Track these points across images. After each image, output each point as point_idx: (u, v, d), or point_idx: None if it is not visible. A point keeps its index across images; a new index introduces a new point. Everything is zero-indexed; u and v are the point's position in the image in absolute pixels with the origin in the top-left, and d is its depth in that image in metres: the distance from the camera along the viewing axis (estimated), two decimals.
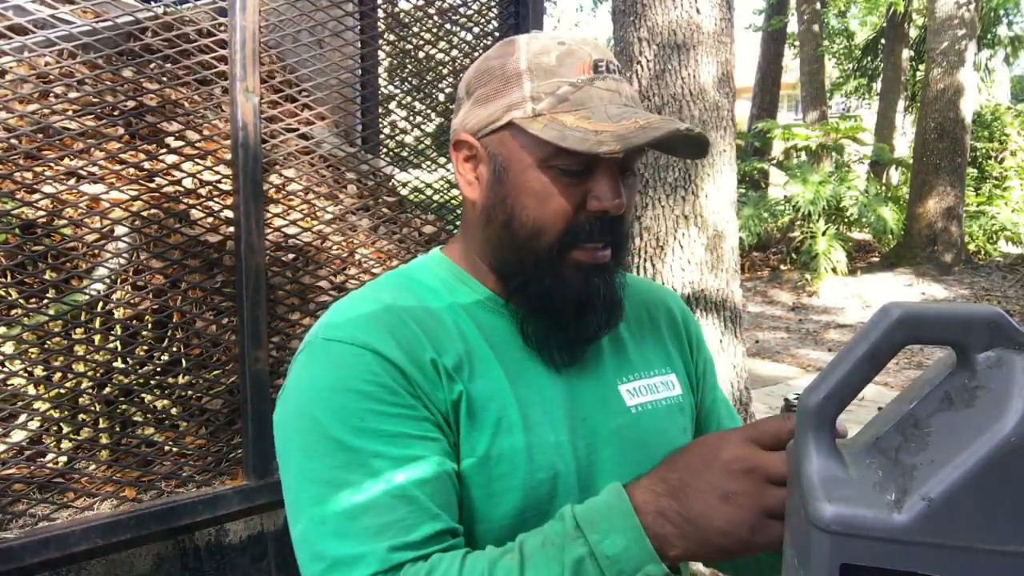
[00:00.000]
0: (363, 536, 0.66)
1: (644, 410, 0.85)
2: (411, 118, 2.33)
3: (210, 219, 1.76)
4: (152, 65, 1.75)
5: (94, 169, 1.67)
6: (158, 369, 1.70)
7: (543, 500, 0.76)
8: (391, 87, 2.46)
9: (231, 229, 1.76)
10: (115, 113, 1.75)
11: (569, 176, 0.76)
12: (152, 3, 1.90)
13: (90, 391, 1.63)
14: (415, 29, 2.34)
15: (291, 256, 1.92)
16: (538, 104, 0.76)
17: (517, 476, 0.75)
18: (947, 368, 0.47)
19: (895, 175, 13.63)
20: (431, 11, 2.32)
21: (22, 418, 1.54)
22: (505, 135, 0.78)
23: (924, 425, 0.45)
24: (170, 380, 1.71)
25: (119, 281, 1.71)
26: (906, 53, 14.24)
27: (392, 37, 2.35)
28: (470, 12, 2.31)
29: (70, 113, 1.70)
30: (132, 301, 1.70)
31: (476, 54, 2.31)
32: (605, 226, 0.77)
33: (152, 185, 1.73)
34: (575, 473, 0.78)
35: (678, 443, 0.82)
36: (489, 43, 2.29)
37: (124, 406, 1.66)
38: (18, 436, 1.55)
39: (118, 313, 1.68)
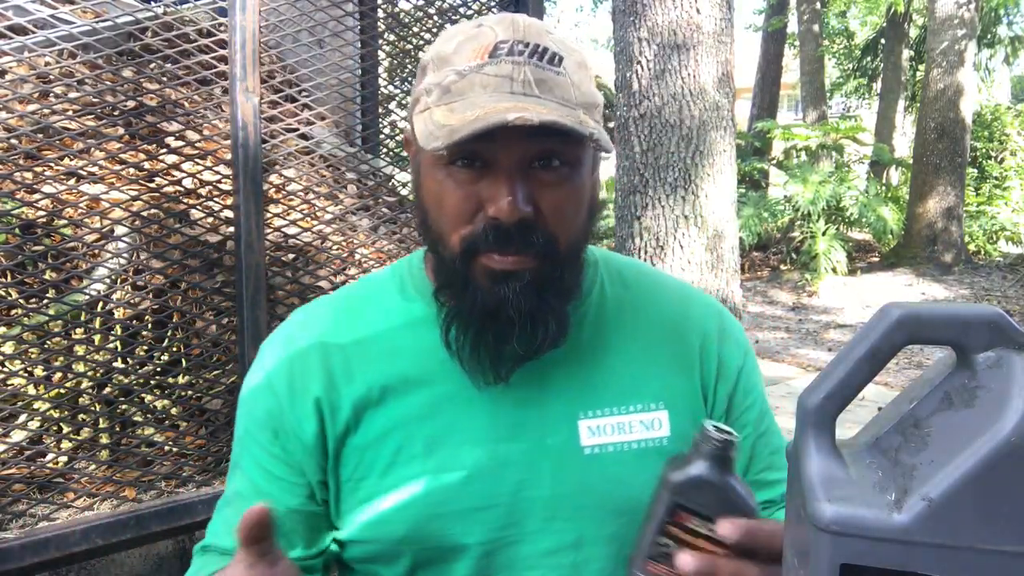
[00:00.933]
0: (215, 524, 0.79)
1: (602, 452, 0.74)
2: None
3: (210, 219, 1.76)
4: (152, 65, 1.75)
5: (94, 169, 1.67)
6: (158, 369, 1.70)
7: (438, 536, 0.72)
8: (391, 87, 2.46)
9: (231, 229, 1.76)
10: (115, 113, 1.75)
11: (461, 174, 0.67)
12: (152, 3, 1.90)
13: (90, 391, 1.63)
14: (415, 29, 2.34)
15: (291, 256, 1.92)
16: (429, 97, 0.68)
17: (408, 509, 0.72)
18: (947, 368, 0.47)
19: (895, 175, 13.63)
20: (431, 11, 2.32)
21: (22, 418, 1.54)
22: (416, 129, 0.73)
23: (924, 425, 0.45)
24: (170, 380, 1.71)
25: (119, 281, 1.71)
26: (906, 53, 14.23)
27: (392, 37, 2.35)
28: (470, 12, 2.31)
29: (70, 113, 1.70)
30: (132, 301, 1.70)
31: None
32: (503, 235, 0.66)
33: (152, 185, 1.73)
34: (485, 511, 0.72)
35: (647, 493, 0.70)
36: None
37: (124, 406, 1.66)
38: (18, 436, 1.55)
39: (118, 313, 1.68)
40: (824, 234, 9.39)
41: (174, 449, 1.69)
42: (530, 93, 0.65)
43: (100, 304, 1.66)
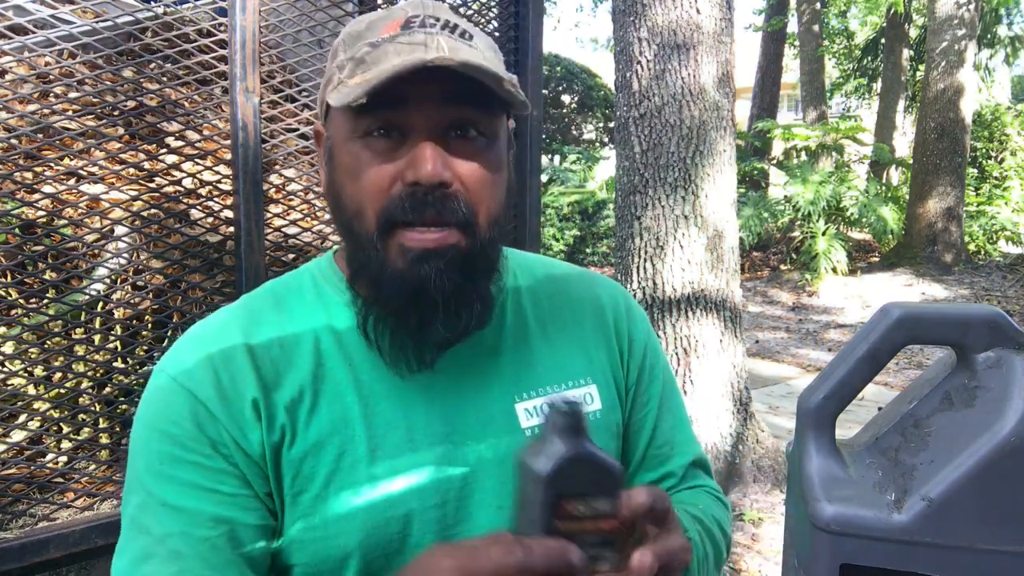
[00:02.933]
0: None
1: None
2: None
3: (210, 219, 1.76)
4: (152, 65, 1.75)
5: (94, 169, 1.67)
6: None
7: (391, 541, 0.68)
8: None
9: (231, 229, 1.76)
10: (115, 113, 1.75)
11: (377, 144, 0.66)
12: (152, 3, 1.90)
13: (90, 391, 1.63)
14: None
15: (291, 256, 1.92)
16: (342, 72, 0.68)
17: (355, 517, 0.68)
18: (947, 368, 0.47)
19: (895, 175, 13.63)
20: None
21: (22, 418, 1.54)
22: (330, 114, 0.71)
23: (924, 425, 0.45)
24: None
25: (119, 281, 1.71)
26: (906, 53, 14.24)
27: None
28: (470, 12, 2.31)
29: (70, 113, 1.70)
30: (132, 301, 1.70)
31: None
32: (423, 200, 0.65)
33: (152, 185, 1.73)
34: (437, 508, 0.70)
35: None
36: None
37: (124, 406, 1.66)
38: (18, 436, 1.55)
39: (118, 313, 1.68)
40: (824, 234, 9.40)
41: None
42: (433, 52, 0.65)
43: (100, 304, 1.66)
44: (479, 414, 0.72)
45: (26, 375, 1.57)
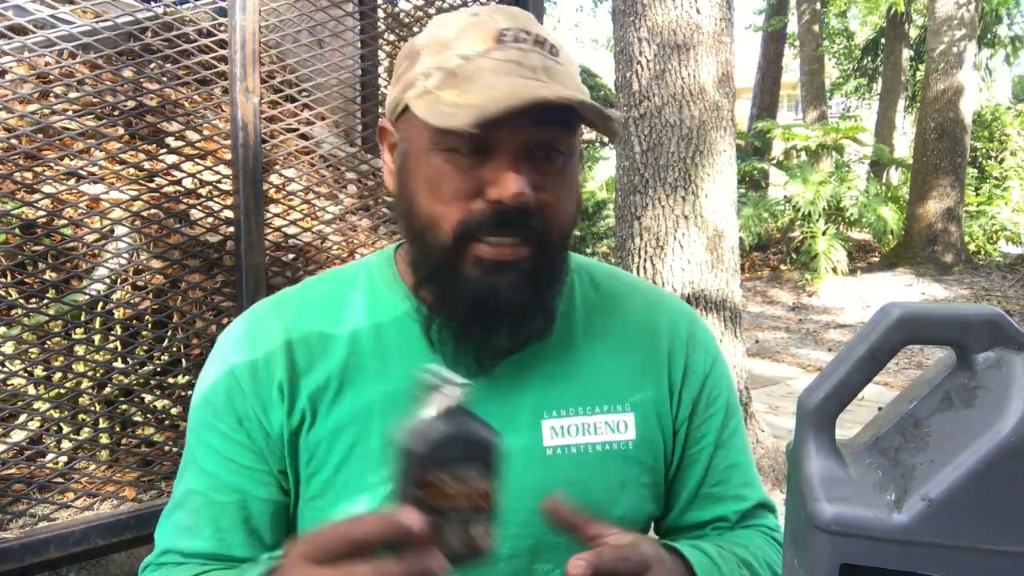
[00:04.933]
0: (166, 530, 0.75)
1: (564, 453, 0.73)
2: None
3: (210, 219, 1.76)
4: (152, 65, 1.75)
5: (94, 169, 1.67)
6: (158, 369, 1.70)
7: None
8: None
9: (231, 229, 1.76)
10: (115, 113, 1.75)
11: (462, 160, 0.66)
12: (152, 3, 1.90)
13: (90, 391, 1.63)
14: (415, 29, 2.34)
15: (291, 256, 1.92)
16: (428, 81, 0.67)
17: (361, 509, 0.70)
18: (947, 368, 0.47)
19: (895, 175, 13.63)
20: (431, 11, 2.32)
21: (22, 418, 1.54)
22: (406, 118, 0.71)
23: (924, 425, 0.45)
24: (170, 380, 1.71)
25: (119, 281, 1.71)
26: (906, 53, 14.24)
27: (392, 37, 2.35)
28: None
29: (70, 113, 1.70)
30: (132, 301, 1.70)
31: None
32: (504, 218, 0.66)
33: (152, 185, 1.73)
34: None
35: (609, 497, 0.73)
36: None
37: (124, 406, 1.66)
38: (18, 436, 1.55)
39: (118, 313, 1.68)
40: (824, 234, 9.40)
41: (174, 449, 1.69)
42: (539, 79, 0.66)
43: (100, 304, 1.66)
44: (501, 422, 0.69)
45: (26, 375, 1.57)
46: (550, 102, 0.61)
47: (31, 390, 1.58)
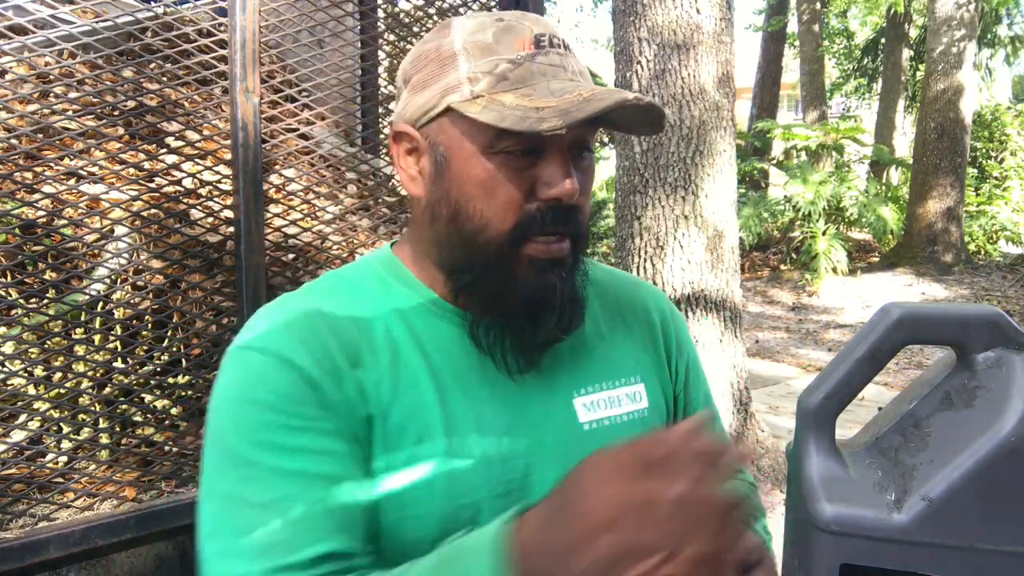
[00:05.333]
0: (248, 555, 0.63)
1: (599, 427, 0.77)
2: None
3: (210, 219, 1.76)
4: (152, 65, 1.75)
5: (94, 169, 1.67)
6: (158, 369, 1.70)
7: (462, 527, 0.68)
8: (391, 87, 2.46)
9: (231, 229, 1.76)
10: (115, 113, 1.75)
11: (516, 161, 0.69)
12: (152, 3, 1.90)
13: (90, 391, 1.63)
14: (415, 29, 2.34)
15: (291, 256, 1.92)
16: (476, 85, 0.69)
17: (433, 503, 0.69)
18: (947, 368, 0.47)
19: (895, 175, 13.63)
20: (431, 11, 2.32)
21: (22, 418, 1.54)
22: (444, 122, 0.71)
23: (924, 425, 0.45)
24: (170, 380, 1.71)
25: (119, 281, 1.71)
26: (906, 53, 14.24)
27: (392, 37, 2.35)
28: (470, 12, 2.31)
29: (70, 113, 1.70)
30: (132, 301, 1.70)
31: None
32: (559, 215, 0.70)
33: (152, 185, 1.73)
34: (502, 498, 0.71)
35: None
36: None
37: (124, 406, 1.66)
38: (18, 436, 1.55)
39: (118, 313, 1.68)
40: (824, 234, 9.40)
41: (174, 449, 1.69)
42: (581, 80, 0.71)
43: (100, 304, 1.66)
44: (541, 407, 0.75)
45: (26, 375, 1.57)
46: (636, 105, 0.67)
47: (31, 390, 1.58)
